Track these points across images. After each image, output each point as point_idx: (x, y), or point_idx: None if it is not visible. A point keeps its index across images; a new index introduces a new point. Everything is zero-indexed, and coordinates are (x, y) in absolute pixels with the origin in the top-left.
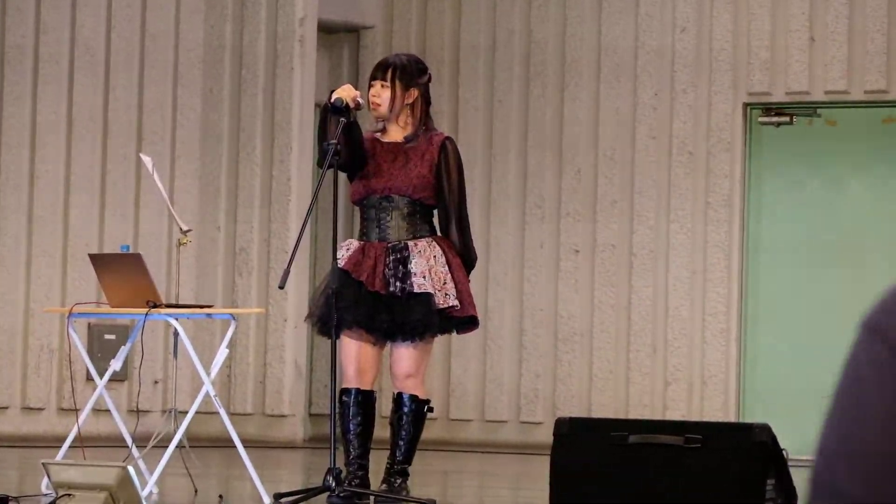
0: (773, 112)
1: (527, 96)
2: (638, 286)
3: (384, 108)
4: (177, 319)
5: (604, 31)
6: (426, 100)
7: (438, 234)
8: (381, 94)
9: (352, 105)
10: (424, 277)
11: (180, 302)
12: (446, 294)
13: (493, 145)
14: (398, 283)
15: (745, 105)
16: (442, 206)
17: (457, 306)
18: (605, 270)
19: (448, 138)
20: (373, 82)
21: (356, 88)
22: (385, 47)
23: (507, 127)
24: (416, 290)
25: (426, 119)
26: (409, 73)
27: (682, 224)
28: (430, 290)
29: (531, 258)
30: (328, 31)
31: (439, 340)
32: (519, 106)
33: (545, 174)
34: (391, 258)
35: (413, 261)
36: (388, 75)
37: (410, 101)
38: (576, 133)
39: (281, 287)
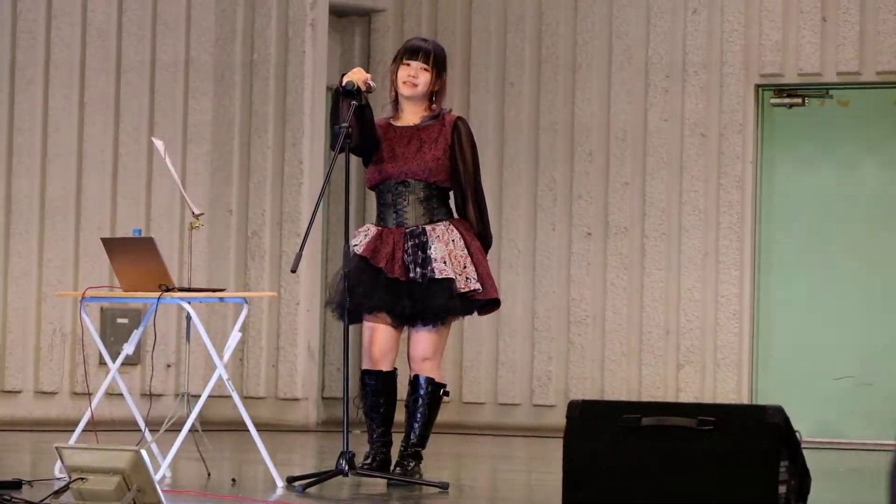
0: (784, 93)
1: (538, 79)
2: (650, 269)
3: (421, 89)
4: (189, 303)
5: (615, 13)
6: (445, 88)
7: (455, 216)
8: (420, 76)
9: (363, 88)
10: (445, 262)
11: (192, 286)
12: (467, 278)
13: (504, 128)
14: (418, 269)
15: (757, 86)
16: (458, 187)
17: (479, 289)
18: (617, 253)
19: (460, 118)
20: (409, 62)
21: (367, 71)
22: (396, 31)
23: (518, 110)
24: (437, 275)
25: (441, 103)
26: (444, 61)
27: (694, 206)
28: (451, 276)
29: (543, 241)
30: (339, 14)
31: (453, 324)
32: (530, 88)
33: (557, 157)
34: (410, 244)
35: (432, 246)
36: (431, 60)
37: (436, 88)
38: (587, 115)
39: (293, 271)
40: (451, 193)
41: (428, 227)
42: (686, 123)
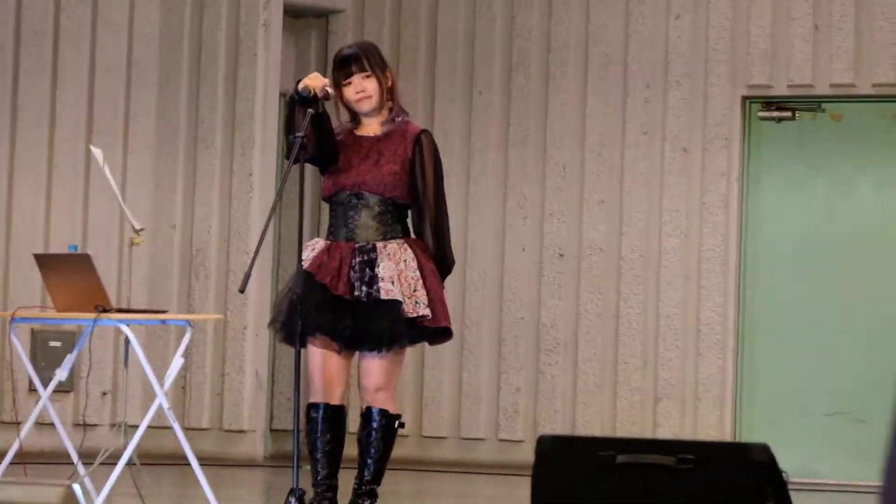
0: (773, 106)
1: (508, 87)
2: (627, 293)
3: (375, 99)
4: (128, 326)
5: (592, 18)
6: (395, 79)
7: (412, 235)
8: (368, 86)
9: (320, 95)
10: (393, 283)
11: (132, 307)
12: (416, 302)
13: (471, 140)
14: (364, 288)
15: (744, 98)
16: (416, 204)
17: (428, 316)
18: (591, 276)
19: (424, 131)
20: (349, 79)
21: (325, 76)
22: (356, 33)
23: (486, 120)
24: (382, 296)
25: (399, 101)
26: (379, 55)
27: (675, 226)
28: (398, 297)
29: (512, 262)
30: (295, 15)
31: (411, 350)
32: (500, 98)
33: (528, 171)
34: (357, 260)
35: (381, 264)
36: (366, 64)
37: (390, 84)
38: (561, 127)
39: (241, 291)
40: (410, 211)
41: (379, 244)
42: (667, 137)
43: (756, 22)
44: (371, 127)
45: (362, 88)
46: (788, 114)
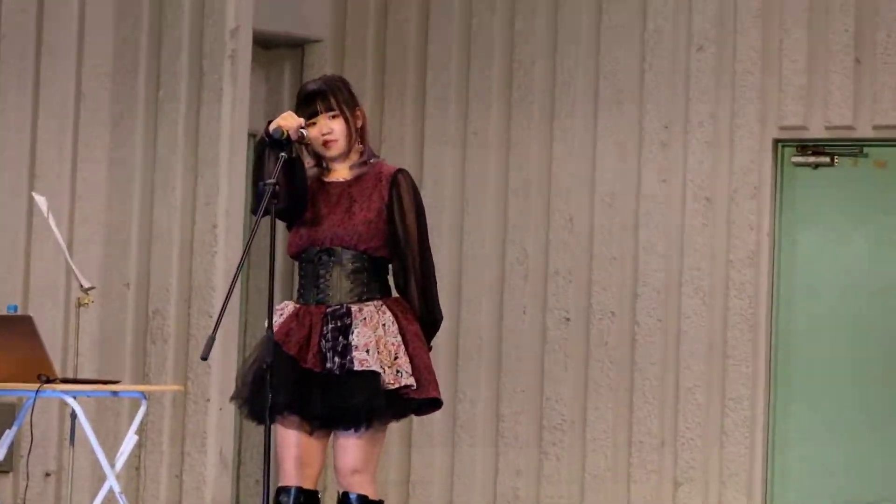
0: (809, 150)
1: (508, 128)
2: (642, 363)
3: (343, 143)
4: (74, 398)
5: (603, 49)
6: (366, 117)
7: (393, 294)
8: (335, 127)
9: (294, 137)
10: (368, 351)
11: (79, 376)
12: (398, 371)
13: (465, 188)
14: (336, 359)
15: (776, 141)
16: (396, 256)
17: (412, 386)
18: (602, 343)
19: (400, 170)
20: (314, 119)
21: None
22: (335, 65)
23: (483, 165)
24: (357, 367)
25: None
26: (348, 91)
27: (697, 286)
28: (376, 368)
29: (511, 327)
30: (266, 45)
31: (395, 426)
32: (498, 139)
33: (529, 223)
34: (330, 327)
35: (355, 330)
36: (333, 102)
37: (360, 123)
38: (567, 173)
39: (204, 359)
40: (390, 265)
41: (354, 307)
42: (688, 185)
43: (789, 55)
44: (340, 172)
45: (329, 130)
46: (826, 159)
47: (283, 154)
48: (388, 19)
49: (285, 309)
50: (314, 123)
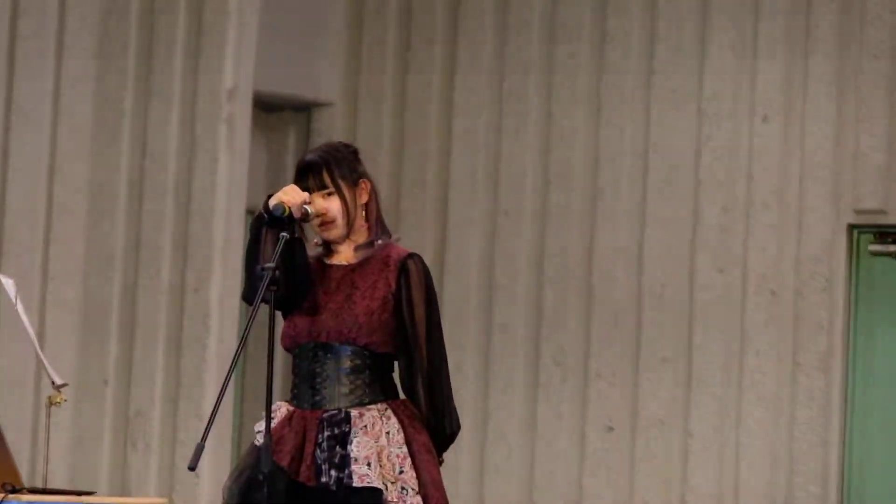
0: (889, 238)
1: (543, 209)
2: (696, 479)
3: (341, 224)
4: None
5: (653, 119)
6: (376, 191)
7: (400, 396)
8: (331, 207)
9: (296, 214)
10: (370, 465)
11: (49, 486)
12: (402, 488)
13: (494, 274)
14: (333, 472)
15: (851, 227)
16: (404, 354)
17: None
18: (650, 455)
19: (411, 255)
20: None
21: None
22: (346, 131)
23: (514, 250)
24: (356, 482)
25: (380, 219)
26: (348, 163)
27: (759, 393)
28: (377, 484)
29: (546, 436)
30: (268, 108)
31: None
32: (532, 222)
33: (568, 318)
34: (326, 434)
35: (355, 440)
36: (327, 178)
37: (365, 199)
38: (611, 261)
39: (192, 468)
40: (396, 363)
41: (354, 412)
42: (749, 276)
43: (866, 127)
44: (344, 254)
45: (323, 210)
46: None
47: (283, 234)
48: (406, 82)
49: (277, 411)
50: (310, 202)
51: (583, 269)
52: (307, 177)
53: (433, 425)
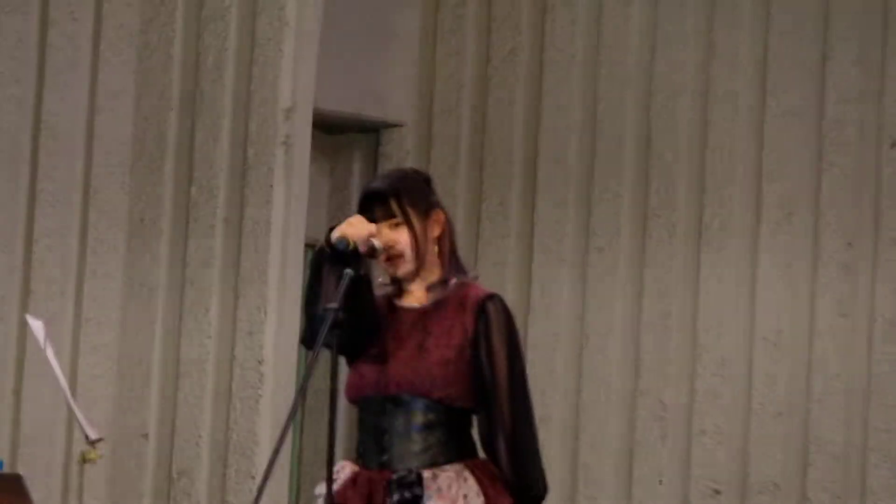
0: None
1: (642, 243)
2: None
3: (410, 260)
4: None
5: (767, 142)
6: (451, 223)
7: (479, 455)
8: (400, 240)
9: (362, 249)
10: None
11: None
12: None
13: (585, 321)
14: None
15: None
16: (483, 407)
17: None
18: None
19: (490, 297)
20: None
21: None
22: (419, 156)
23: (608, 290)
24: None
25: (455, 254)
26: (419, 191)
27: (886, 453)
28: None
29: (644, 500)
30: (330, 129)
31: None
32: (629, 257)
33: (667, 366)
34: (394, 498)
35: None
36: (395, 207)
37: (437, 232)
38: (718, 304)
39: None
40: (475, 418)
41: (426, 474)
42: (877, 322)
43: None
44: (415, 294)
45: (391, 243)
46: None
47: (348, 271)
48: (489, 99)
49: (341, 472)
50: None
51: (687, 318)
52: (373, 206)
53: (516, 488)
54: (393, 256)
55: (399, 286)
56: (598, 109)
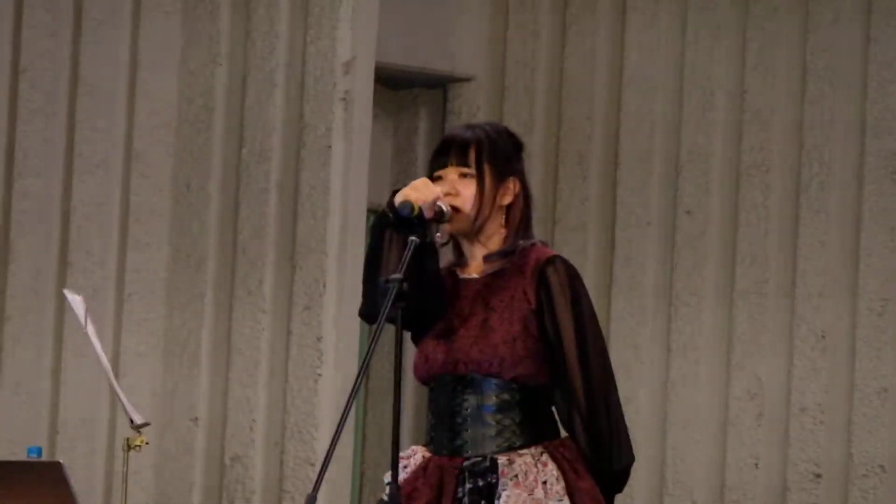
0: None
1: (735, 205)
2: None
3: (467, 216)
4: None
5: (871, 92)
6: (528, 197)
7: (561, 435)
8: (462, 191)
9: (428, 213)
10: None
11: None
12: None
13: (673, 290)
14: None
15: None
16: (561, 383)
17: None
18: None
19: (551, 260)
20: (440, 171)
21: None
22: (491, 113)
23: (699, 256)
24: None
25: (526, 229)
26: (503, 152)
27: None
28: None
29: (737, 486)
30: (394, 84)
31: None
32: (721, 219)
33: (764, 341)
34: (468, 487)
35: (504, 493)
36: (472, 157)
37: (507, 200)
38: (818, 270)
39: None
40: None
41: (501, 459)
42: None
43: None
44: (475, 264)
45: (453, 191)
46: None
47: (413, 238)
48: (565, 52)
49: (412, 457)
50: (440, 178)
51: (786, 286)
52: (449, 151)
53: (597, 465)
54: (450, 207)
55: (461, 255)
56: (686, 58)
